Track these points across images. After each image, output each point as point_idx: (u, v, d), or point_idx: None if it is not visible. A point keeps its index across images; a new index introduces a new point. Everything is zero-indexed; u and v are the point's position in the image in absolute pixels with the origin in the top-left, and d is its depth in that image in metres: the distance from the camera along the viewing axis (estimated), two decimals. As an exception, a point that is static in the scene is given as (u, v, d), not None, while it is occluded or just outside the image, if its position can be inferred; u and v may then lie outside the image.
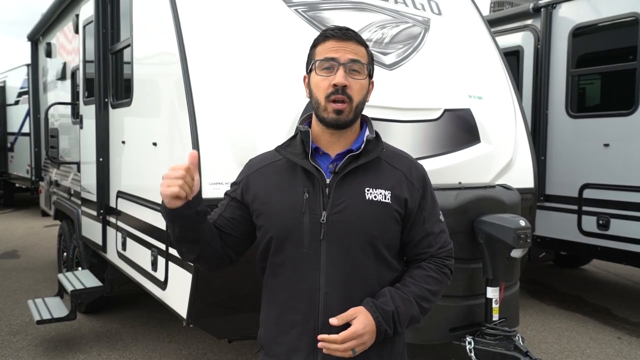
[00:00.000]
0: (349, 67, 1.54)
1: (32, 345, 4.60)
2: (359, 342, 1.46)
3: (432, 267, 1.65)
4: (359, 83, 1.56)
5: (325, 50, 1.56)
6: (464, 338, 3.09)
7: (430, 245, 1.66)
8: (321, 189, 1.56)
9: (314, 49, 1.61)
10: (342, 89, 1.52)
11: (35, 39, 7.68)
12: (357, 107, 1.56)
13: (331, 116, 1.54)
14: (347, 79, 1.53)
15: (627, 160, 5.02)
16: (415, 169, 1.68)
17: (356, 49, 1.56)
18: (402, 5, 4.03)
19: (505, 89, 4.26)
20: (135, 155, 3.93)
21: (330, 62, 1.54)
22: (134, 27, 3.82)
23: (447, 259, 1.69)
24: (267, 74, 3.14)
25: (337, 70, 1.53)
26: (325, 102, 1.54)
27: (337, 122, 1.55)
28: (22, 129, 11.51)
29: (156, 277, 3.44)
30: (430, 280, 1.62)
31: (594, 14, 5.40)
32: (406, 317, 1.55)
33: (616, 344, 4.74)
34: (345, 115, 1.54)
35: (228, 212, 1.69)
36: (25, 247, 8.68)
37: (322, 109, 1.55)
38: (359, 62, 1.55)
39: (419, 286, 1.60)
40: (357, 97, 1.55)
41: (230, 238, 1.68)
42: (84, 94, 4.95)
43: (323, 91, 1.54)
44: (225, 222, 1.68)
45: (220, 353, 4.42)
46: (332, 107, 1.53)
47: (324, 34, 1.59)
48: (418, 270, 1.65)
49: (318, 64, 1.56)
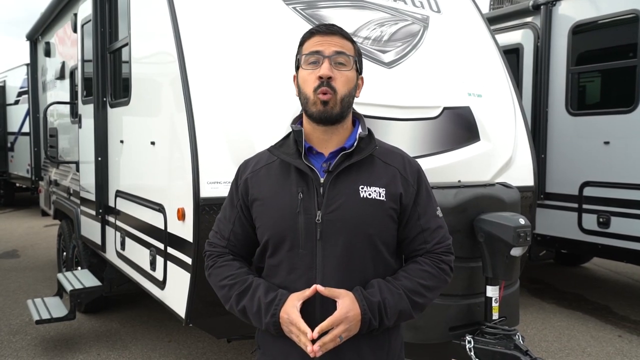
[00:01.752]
0: (334, 60, 1.53)
1: (32, 345, 4.60)
2: (344, 327, 1.46)
3: (428, 262, 1.63)
4: (345, 75, 1.55)
5: (311, 45, 1.56)
6: (463, 337, 3.08)
7: (426, 241, 1.64)
8: (315, 188, 1.55)
9: (300, 47, 1.61)
10: (327, 81, 1.51)
11: (34, 39, 7.67)
12: (342, 99, 1.54)
13: (318, 108, 1.53)
14: (332, 70, 1.52)
15: (628, 158, 5.01)
16: (409, 164, 1.67)
17: (341, 42, 1.56)
18: (401, 3, 4.01)
19: (504, 86, 4.24)
20: (133, 154, 3.92)
21: (315, 55, 1.54)
22: (132, 26, 3.81)
23: (445, 254, 1.66)
24: (264, 73, 3.13)
25: (322, 63, 1.53)
26: (314, 95, 1.53)
27: (324, 114, 1.53)
28: (22, 128, 11.52)
29: (155, 277, 3.43)
30: (425, 275, 1.60)
31: (593, 11, 5.38)
32: (394, 311, 1.53)
33: (617, 342, 4.73)
34: (331, 107, 1.53)
35: (238, 227, 1.69)
36: (25, 247, 8.68)
37: (311, 103, 1.54)
38: (344, 54, 1.55)
39: (412, 280, 1.58)
40: (342, 89, 1.54)
41: (248, 250, 1.70)
42: (82, 93, 4.94)
43: (311, 85, 1.54)
44: (238, 237, 1.69)
45: (219, 352, 4.42)
46: (320, 98, 1.52)
47: (310, 31, 1.60)
48: (413, 264, 1.63)
49: (304, 58, 1.57)
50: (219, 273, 1.66)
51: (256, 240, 1.67)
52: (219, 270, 1.66)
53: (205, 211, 2.85)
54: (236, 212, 1.69)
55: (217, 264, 1.68)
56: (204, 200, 2.86)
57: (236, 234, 1.69)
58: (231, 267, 1.65)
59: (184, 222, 2.99)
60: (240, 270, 1.64)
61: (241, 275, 1.62)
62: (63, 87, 6.10)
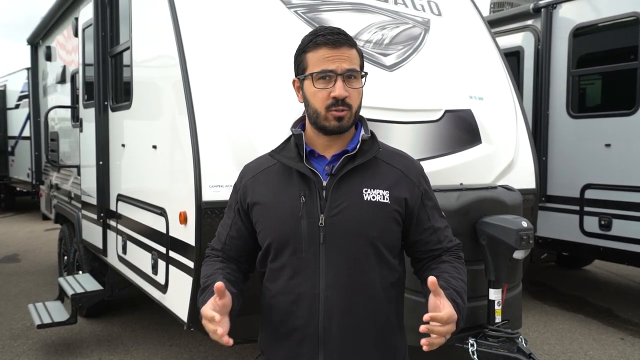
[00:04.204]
0: (346, 76, 1.52)
1: (33, 349, 4.59)
2: (450, 330, 1.39)
3: (453, 259, 1.65)
4: (357, 91, 1.55)
5: (320, 60, 1.52)
6: (466, 340, 3.07)
7: (440, 240, 1.66)
8: (318, 192, 1.54)
9: (304, 54, 1.57)
10: (342, 100, 1.51)
11: (35, 43, 7.68)
12: (356, 112, 1.56)
13: (333, 124, 1.52)
14: (346, 89, 1.51)
15: (629, 160, 5.01)
16: (412, 166, 1.67)
17: (350, 55, 1.53)
18: (402, 6, 4.02)
19: (505, 89, 4.24)
20: (135, 158, 3.92)
21: (327, 73, 1.51)
22: (133, 30, 3.82)
23: (459, 250, 1.70)
24: (266, 76, 3.14)
25: (336, 82, 1.50)
26: (326, 112, 1.52)
27: (340, 129, 1.54)
28: (22, 132, 11.53)
29: (157, 281, 3.43)
30: (460, 271, 1.62)
31: (594, 14, 5.39)
32: (465, 311, 1.52)
33: (619, 345, 4.72)
34: (347, 121, 1.53)
35: (234, 231, 1.68)
36: (25, 251, 8.67)
37: (322, 118, 1.53)
38: (356, 71, 1.54)
39: (457, 279, 1.57)
40: (355, 104, 1.55)
41: (243, 256, 1.70)
42: (83, 97, 4.95)
43: (322, 102, 1.52)
44: (234, 241, 1.68)
45: (220, 356, 4.41)
46: (334, 115, 1.51)
47: (315, 40, 1.54)
48: (444, 264, 1.62)
49: (315, 75, 1.52)
50: (202, 272, 1.66)
51: (254, 245, 1.66)
52: (202, 269, 1.67)
53: (207, 215, 2.85)
54: (233, 216, 1.68)
55: (203, 265, 1.70)
56: (206, 204, 2.86)
57: (232, 238, 1.68)
58: (210, 267, 1.65)
59: (186, 226, 2.99)
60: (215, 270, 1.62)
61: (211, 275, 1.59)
62: (64, 91, 6.11)
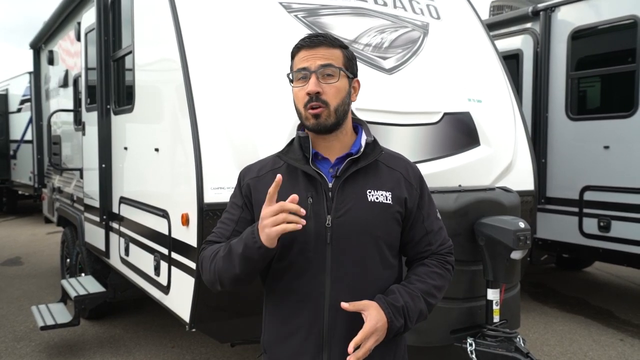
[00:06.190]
0: (321, 73, 1.56)
1: (36, 351, 4.62)
2: (375, 338, 1.47)
3: (435, 263, 1.69)
4: (334, 87, 1.57)
5: (299, 62, 1.60)
6: (464, 340, 3.10)
7: (431, 243, 1.70)
8: (324, 193, 1.58)
9: (291, 60, 1.65)
10: (316, 96, 1.55)
11: (38, 47, 7.73)
12: (336, 110, 1.58)
13: (311, 122, 1.58)
14: (320, 85, 1.55)
15: (628, 162, 5.03)
16: (411, 169, 1.72)
17: (327, 53, 1.58)
18: (401, 10, 4.06)
19: (504, 92, 4.28)
20: (137, 161, 3.95)
21: (302, 72, 1.57)
22: (135, 34, 3.86)
23: (448, 255, 1.73)
24: (267, 79, 3.17)
25: (310, 79, 1.56)
26: (305, 111, 1.58)
27: (318, 126, 1.58)
28: (24, 136, 11.55)
29: (159, 282, 3.46)
30: (435, 275, 1.66)
31: (593, 17, 5.42)
32: (415, 313, 1.57)
33: (619, 346, 4.74)
34: (324, 119, 1.57)
35: (241, 226, 1.65)
36: (28, 254, 8.70)
37: (304, 118, 1.60)
38: (331, 66, 1.57)
39: (424, 282, 1.63)
40: (334, 101, 1.57)
41: None
42: (86, 100, 4.98)
43: (301, 101, 1.58)
44: None
45: (222, 357, 4.43)
46: (310, 113, 1.57)
47: (297, 45, 1.62)
48: (421, 267, 1.68)
49: (294, 75, 1.61)
50: (204, 255, 1.63)
51: None
52: (203, 253, 1.65)
53: (209, 216, 2.88)
54: (240, 212, 1.68)
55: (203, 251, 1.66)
56: (208, 206, 2.89)
57: (239, 233, 1.64)
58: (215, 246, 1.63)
59: (188, 228, 3.02)
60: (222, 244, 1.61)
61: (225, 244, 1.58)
62: (66, 94, 6.15)
